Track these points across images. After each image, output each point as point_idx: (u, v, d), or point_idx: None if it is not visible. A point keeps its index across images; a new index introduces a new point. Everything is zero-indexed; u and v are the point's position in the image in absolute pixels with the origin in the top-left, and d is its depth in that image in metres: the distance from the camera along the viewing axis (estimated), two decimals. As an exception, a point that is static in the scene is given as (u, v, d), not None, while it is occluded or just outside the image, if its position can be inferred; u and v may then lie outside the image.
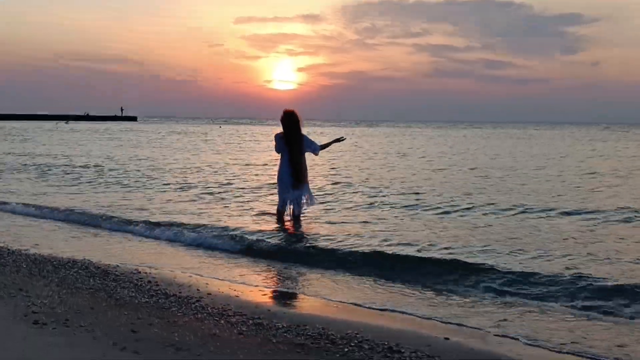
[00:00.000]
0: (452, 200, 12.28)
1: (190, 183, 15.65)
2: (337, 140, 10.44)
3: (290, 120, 9.85)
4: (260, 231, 9.00)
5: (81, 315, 4.73)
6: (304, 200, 10.07)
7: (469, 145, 40.54)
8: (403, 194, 13.42)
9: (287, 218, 9.93)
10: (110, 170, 19.50)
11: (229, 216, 10.49)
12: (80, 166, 20.90)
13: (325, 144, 10.27)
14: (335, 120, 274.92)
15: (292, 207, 10.05)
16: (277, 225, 9.58)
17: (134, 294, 5.61)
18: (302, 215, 10.04)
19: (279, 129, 9.89)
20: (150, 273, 6.55)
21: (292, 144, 9.83)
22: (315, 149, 10.03)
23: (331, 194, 13.44)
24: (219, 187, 14.77)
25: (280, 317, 5.07)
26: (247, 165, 21.97)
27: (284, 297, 6.02)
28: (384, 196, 13.01)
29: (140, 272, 6.56)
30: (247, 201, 12.30)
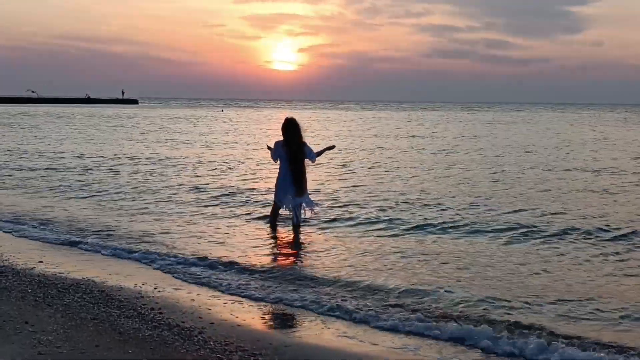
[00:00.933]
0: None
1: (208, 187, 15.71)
2: (329, 148, 10.83)
3: (291, 129, 10.04)
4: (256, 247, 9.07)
5: (87, 356, 4.81)
6: (304, 210, 10.31)
7: (500, 139, 40.39)
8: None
9: (285, 229, 10.15)
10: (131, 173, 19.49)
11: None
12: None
13: (319, 152, 10.47)
14: (336, 101, 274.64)
15: (292, 214, 10.31)
16: (271, 238, 9.70)
17: (137, 326, 5.69)
18: (301, 225, 10.21)
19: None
20: (153, 297, 6.62)
21: (294, 153, 10.00)
22: (313, 157, 10.24)
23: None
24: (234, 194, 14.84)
25: (282, 354, 5.16)
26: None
27: (285, 324, 6.09)
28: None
29: (143, 297, 6.64)
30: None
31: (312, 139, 26.23)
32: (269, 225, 10.36)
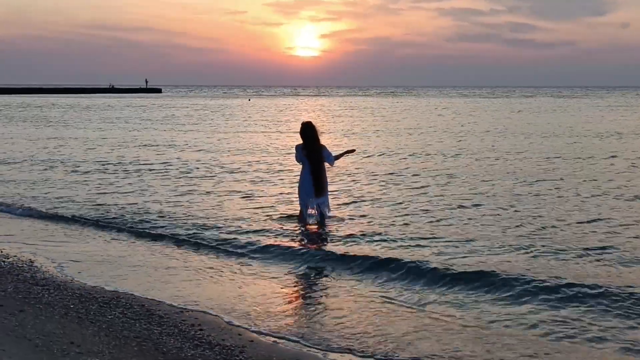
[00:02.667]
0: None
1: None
2: (349, 151, 11.47)
3: (309, 132, 10.50)
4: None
5: (133, 380, 4.94)
6: (327, 208, 10.77)
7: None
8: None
9: (311, 221, 10.56)
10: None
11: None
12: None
13: (338, 155, 10.90)
14: (359, 87, 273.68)
15: (316, 211, 10.69)
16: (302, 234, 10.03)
17: (179, 345, 5.81)
18: (327, 220, 10.64)
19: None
20: (193, 313, 6.73)
21: (312, 156, 10.46)
22: (331, 160, 10.69)
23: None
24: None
25: (324, 374, 5.24)
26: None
27: (323, 344, 6.14)
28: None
29: (183, 312, 6.76)
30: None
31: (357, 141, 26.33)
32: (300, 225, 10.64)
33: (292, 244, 9.47)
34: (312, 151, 10.43)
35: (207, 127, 36.66)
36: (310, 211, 10.78)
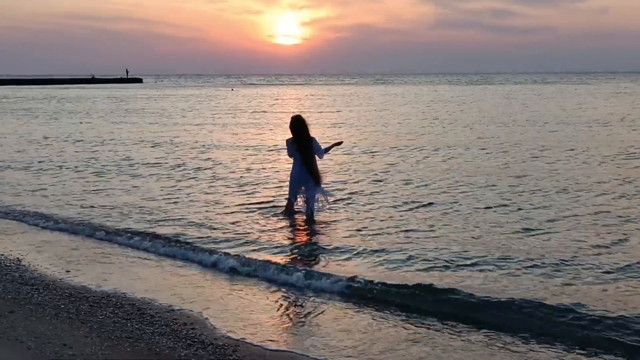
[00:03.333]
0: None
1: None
2: (337, 144, 11.75)
3: (298, 126, 10.60)
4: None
5: (127, 383, 4.95)
6: (317, 200, 10.77)
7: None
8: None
9: (299, 217, 10.66)
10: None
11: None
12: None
13: (327, 148, 11.15)
14: (341, 74, 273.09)
15: (305, 204, 10.76)
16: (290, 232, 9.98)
17: (172, 345, 5.82)
18: (316, 215, 10.65)
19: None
20: (184, 311, 6.73)
21: (303, 150, 10.58)
22: (321, 153, 10.84)
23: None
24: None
25: (316, 373, 5.28)
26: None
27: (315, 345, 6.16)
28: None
29: (174, 310, 6.77)
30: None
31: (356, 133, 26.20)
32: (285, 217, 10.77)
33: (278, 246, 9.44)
34: (302, 145, 10.56)
35: (195, 120, 36.40)
36: (299, 200, 10.89)
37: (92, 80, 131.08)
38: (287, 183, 11.26)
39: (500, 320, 6.27)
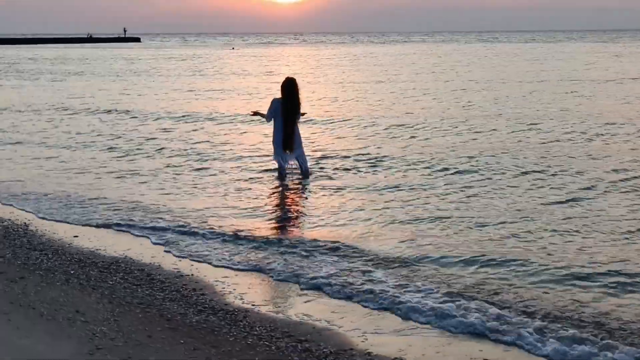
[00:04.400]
0: None
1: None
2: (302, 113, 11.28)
3: (291, 89, 10.69)
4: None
5: (142, 349, 5.01)
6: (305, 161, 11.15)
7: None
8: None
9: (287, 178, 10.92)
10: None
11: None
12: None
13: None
14: (342, 33, 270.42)
15: (297, 164, 11.08)
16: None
17: (183, 310, 5.89)
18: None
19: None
20: (192, 277, 6.79)
21: (290, 113, 10.69)
22: (298, 117, 10.95)
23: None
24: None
25: (327, 339, 5.34)
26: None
27: (321, 307, 6.21)
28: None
29: (183, 276, 6.83)
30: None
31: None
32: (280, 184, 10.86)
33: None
34: (291, 108, 10.63)
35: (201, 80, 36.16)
36: (290, 163, 11.08)
37: (89, 40, 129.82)
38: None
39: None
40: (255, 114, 11.30)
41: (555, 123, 16.73)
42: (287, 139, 10.65)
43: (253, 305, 6.08)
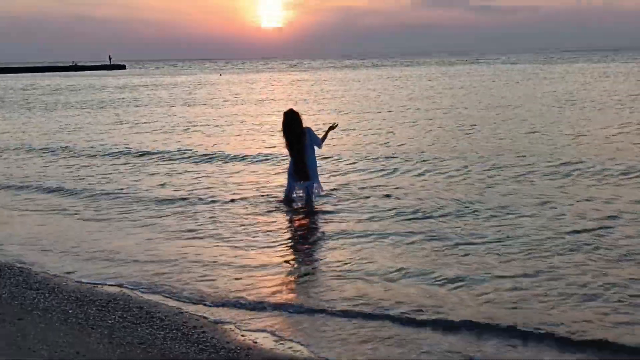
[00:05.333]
0: None
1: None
2: (330, 128, 11.50)
3: (288, 123, 10.89)
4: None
5: (145, 392, 4.97)
6: (315, 190, 11.21)
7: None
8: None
9: (297, 204, 11.05)
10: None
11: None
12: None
13: (324, 136, 11.28)
14: (326, 57, 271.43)
15: (303, 195, 11.17)
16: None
17: (185, 350, 5.84)
18: (315, 201, 11.10)
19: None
20: (193, 313, 6.74)
21: (295, 146, 10.87)
22: (319, 144, 11.11)
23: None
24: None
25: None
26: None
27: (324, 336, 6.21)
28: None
29: (183, 312, 6.78)
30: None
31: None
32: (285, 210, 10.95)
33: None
34: (294, 141, 10.85)
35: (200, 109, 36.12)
36: (298, 192, 11.21)
37: (74, 68, 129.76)
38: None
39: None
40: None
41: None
42: (299, 171, 10.92)
43: (255, 343, 6.05)
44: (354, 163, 15.28)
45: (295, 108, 11.39)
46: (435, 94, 39.59)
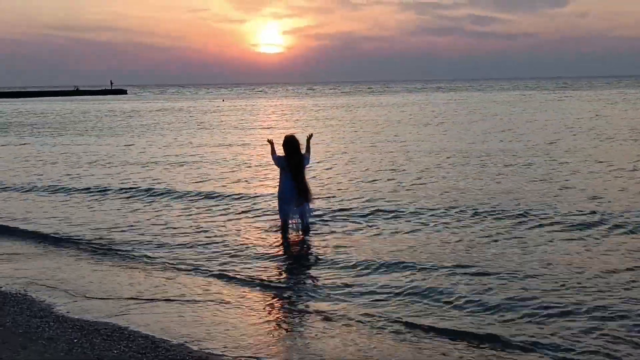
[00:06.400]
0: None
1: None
2: (308, 140, 11.45)
3: (291, 146, 10.98)
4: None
5: None
6: (308, 214, 11.36)
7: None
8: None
9: (293, 233, 11.08)
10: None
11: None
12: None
13: (307, 150, 11.35)
14: (325, 82, 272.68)
15: (298, 221, 11.25)
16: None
17: (192, 386, 5.79)
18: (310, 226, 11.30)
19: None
20: (199, 349, 6.67)
21: (296, 168, 10.94)
22: (308, 161, 11.24)
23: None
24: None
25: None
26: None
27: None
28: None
29: (187, 343, 6.73)
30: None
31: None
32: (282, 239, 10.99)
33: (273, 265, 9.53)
34: (294, 163, 10.92)
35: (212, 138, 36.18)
36: (292, 222, 11.25)
37: (76, 92, 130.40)
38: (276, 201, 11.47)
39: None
40: (271, 144, 11.34)
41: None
42: (301, 193, 10.91)
43: (262, 374, 6.00)
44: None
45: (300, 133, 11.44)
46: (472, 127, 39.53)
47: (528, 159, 20.24)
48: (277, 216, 11.57)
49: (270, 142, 11.42)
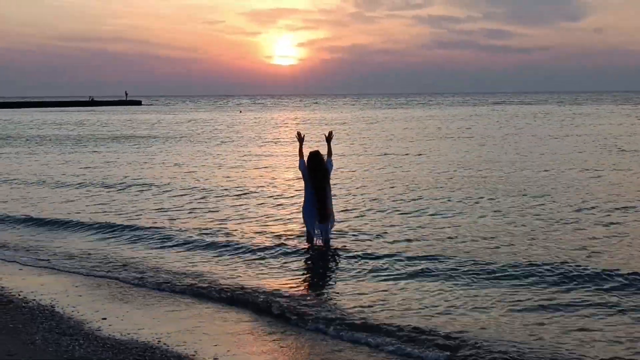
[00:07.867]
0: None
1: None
2: (328, 140, 11.35)
3: (315, 162, 10.90)
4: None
5: None
6: (330, 228, 11.20)
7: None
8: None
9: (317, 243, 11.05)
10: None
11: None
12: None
13: (329, 153, 11.28)
14: (340, 94, 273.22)
15: (321, 236, 11.10)
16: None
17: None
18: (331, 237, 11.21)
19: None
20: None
21: (319, 184, 10.81)
22: (331, 165, 11.12)
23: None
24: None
25: None
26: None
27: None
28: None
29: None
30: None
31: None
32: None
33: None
34: (318, 177, 10.80)
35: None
36: (316, 242, 11.10)
37: (91, 103, 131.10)
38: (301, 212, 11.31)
39: None
40: (300, 141, 11.29)
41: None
42: (322, 211, 10.76)
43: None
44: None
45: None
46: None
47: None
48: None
49: (300, 138, 11.29)
